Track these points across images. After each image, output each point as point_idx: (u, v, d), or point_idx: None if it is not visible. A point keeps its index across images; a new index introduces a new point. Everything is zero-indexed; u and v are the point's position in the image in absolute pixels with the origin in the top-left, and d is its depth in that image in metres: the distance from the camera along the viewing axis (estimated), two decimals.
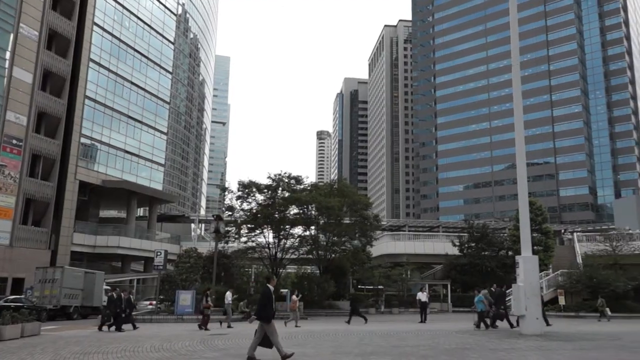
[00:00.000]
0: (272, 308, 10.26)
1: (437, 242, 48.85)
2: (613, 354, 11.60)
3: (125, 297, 19.95)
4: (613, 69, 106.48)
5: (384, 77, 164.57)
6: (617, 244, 37.99)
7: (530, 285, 16.60)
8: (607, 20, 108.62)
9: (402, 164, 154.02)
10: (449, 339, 14.59)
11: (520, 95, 19.07)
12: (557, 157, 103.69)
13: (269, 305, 10.18)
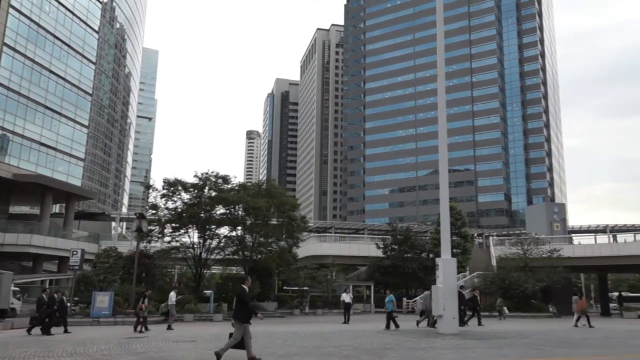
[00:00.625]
0: (249, 308, 10.33)
1: (362, 244, 49.84)
2: (522, 351, 12.34)
3: (59, 298, 18.83)
4: (529, 84, 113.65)
5: (315, 80, 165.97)
6: (528, 247, 40.50)
7: (449, 286, 17.33)
8: (524, 38, 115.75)
9: (331, 166, 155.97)
10: (370, 339, 14.92)
11: (444, 104, 19.87)
12: (477, 164, 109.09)
13: (246, 305, 10.28)
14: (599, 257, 43.55)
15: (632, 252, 42.25)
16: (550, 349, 13.00)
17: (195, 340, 15.11)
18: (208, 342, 14.28)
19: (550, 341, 15.05)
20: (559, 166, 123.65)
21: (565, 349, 13.21)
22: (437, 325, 17.35)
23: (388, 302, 21.07)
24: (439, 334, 16.47)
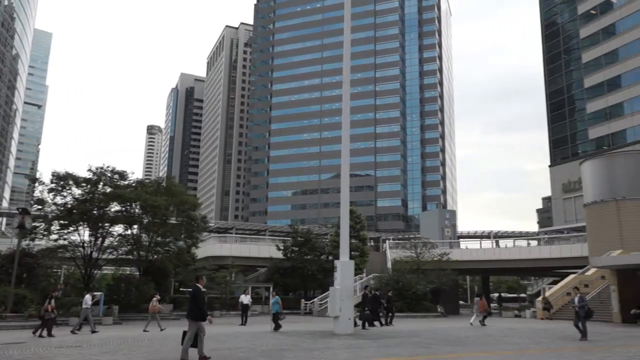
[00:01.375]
0: (204, 308, 10.52)
1: (263, 245, 49.71)
2: (412, 350, 12.96)
3: None
4: (427, 96, 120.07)
5: (222, 78, 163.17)
6: (421, 251, 42.69)
7: (346, 288, 17.75)
8: (425, 53, 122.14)
9: (234, 166, 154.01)
10: (267, 341, 14.88)
11: (348, 110, 20.36)
12: (377, 170, 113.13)
13: (201, 304, 10.48)
14: (483, 260, 46.95)
15: (512, 256, 46.02)
16: (437, 347, 13.77)
17: (81, 345, 14.16)
18: (95, 348, 13.44)
19: (437, 339, 15.93)
20: (451, 175, 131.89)
21: (451, 346, 14.06)
22: (334, 325, 17.68)
23: (274, 303, 21.28)
24: (335, 335, 16.81)
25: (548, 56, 69.98)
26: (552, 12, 71.13)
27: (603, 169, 38.02)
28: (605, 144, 59.82)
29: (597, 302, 30.51)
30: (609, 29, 61.31)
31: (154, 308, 22.43)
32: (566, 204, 62.08)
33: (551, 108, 68.22)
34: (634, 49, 57.55)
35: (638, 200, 35.42)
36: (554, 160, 66.60)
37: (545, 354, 12.68)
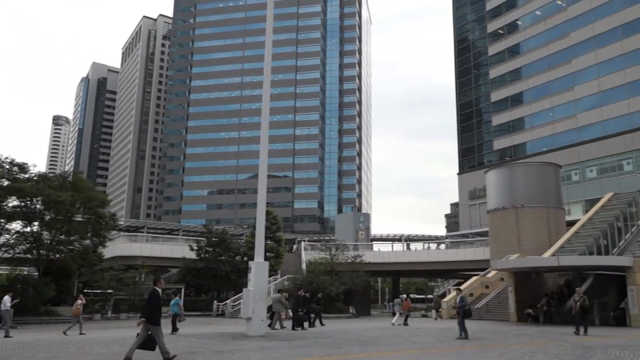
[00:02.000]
0: (160, 310, 10.59)
1: (176, 245, 48.27)
2: (323, 350, 13.12)
3: None
4: (346, 101, 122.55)
5: (137, 70, 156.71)
6: (335, 253, 43.40)
7: (259, 289, 17.66)
8: (345, 58, 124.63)
9: (148, 162, 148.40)
10: (176, 344, 14.45)
11: (268, 111, 20.29)
12: (295, 172, 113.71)
13: (159, 307, 10.55)
14: (394, 262, 48.60)
15: (421, 259, 48.04)
16: (348, 347, 14.05)
17: None
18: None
19: (349, 340, 16.26)
20: (367, 179, 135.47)
21: (361, 346, 14.41)
22: (246, 327, 17.52)
23: (173, 305, 20.84)
24: (247, 336, 16.66)
25: (459, 70, 73.89)
26: (464, 28, 75.21)
27: (505, 178, 40.68)
28: (508, 155, 64.12)
29: (496, 302, 32.57)
30: (514, 48, 65.89)
31: (77, 311, 21.21)
32: (472, 210, 65.79)
33: (461, 119, 72.06)
34: (535, 69, 62.23)
35: (535, 208, 38.27)
36: (462, 169, 70.36)
37: (447, 352, 13.34)
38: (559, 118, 58.72)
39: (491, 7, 70.02)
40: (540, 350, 13.51)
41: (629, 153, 51.38)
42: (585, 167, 55.13)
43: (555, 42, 60.29)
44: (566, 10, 59.89)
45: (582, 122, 56.28)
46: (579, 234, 33.45)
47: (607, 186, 49.94)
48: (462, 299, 18.05)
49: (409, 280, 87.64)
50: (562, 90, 58.72)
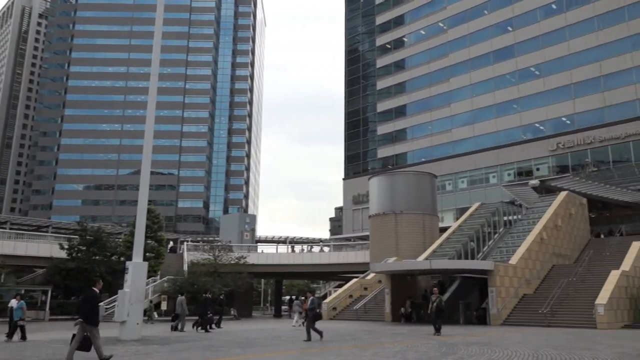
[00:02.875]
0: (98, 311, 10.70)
1: (44, 243, 44.38)
2: (201, 353, 12.84)
3: None
4: (237, 100, 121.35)
5: (7, 49, 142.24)
6: (219, 254, 42.68)
7: (137, 291, 16.86)
8: (238, 57, 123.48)
9: (16, 151, 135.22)
10: (39, 350, 13.33)
11: (154, 104, 19.47)
12: (181, 170, 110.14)
13: (96, 308, 10.68)
14: (278, 264, 48.92)
15: (305, 261, 48.89)
16: (227, 349, 13.89)
17: None
18: None
19: (228, 342, 16.08)
20: (255, 180, 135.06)
21: (240, 348, 14.32)
22: (119, 331, 16.62)
23: (17, 309, 18.01)
24: (121, 341, 15.85)
25: (349, 79, 76.51)
26: (354, 39, 78.05)
27: (386, 185, 42.79)
28: (390, 163, 67.54)
29: (373, 303, 34.11)
30: (400, 63, 69.72)
31: None
32: (355, 214, 68.30)
33: (348, 126, 74.61)
34: (417, 84, 66.34)
35: (412, 215, 40.67)
36: (347, 174, 72.80)
37: (326, 351, 13.71)
38: (437, 131, 63.06)
39: (380, 22, 73.47)
40: (411, 348, 14.37)
41: (495, 167, 56.59)
42: (457, 178, 59.75)
43: (436, 61, 64.79)
44: (447, 32, 64.63)
45: (457, 136, 60.98)
46: (449, 240, 36.10)
47: (475, 196, 54.54)
48: (313, 302, 17.67)
49: (292, 282, 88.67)
50: (440, 106, 63.19)
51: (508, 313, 26.86)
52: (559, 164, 51.99)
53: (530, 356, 12.22)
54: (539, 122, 54.62)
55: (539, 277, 30.24)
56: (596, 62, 51.30)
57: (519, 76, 56.91)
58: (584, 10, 53.26)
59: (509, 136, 56.44)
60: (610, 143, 48.55)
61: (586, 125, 50.70)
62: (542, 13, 56.42)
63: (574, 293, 26.92)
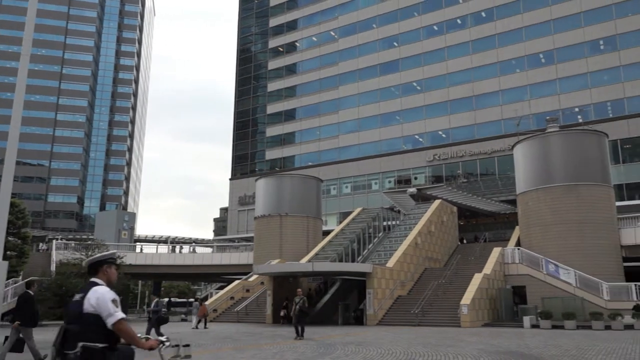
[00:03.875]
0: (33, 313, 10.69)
1: None
2: None
3: None
4: (120, 91, 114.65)
5: None
6: (92, 253, 39.93)
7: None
8: (123, 46, 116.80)
9: None
10: None
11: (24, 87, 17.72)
12: (53, 161, 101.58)
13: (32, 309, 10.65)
14: (158, 265, 46.96)
15: (187, 262, 47.43)
16: None
17: None
18: None
19: None
20: (136, 176, 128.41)
21: None
22: None
23: None
24: None
25: (240, 78, 75.81)
26: (247, 39, 77.58)
27: (273, 187, 43.02)
28: (278, 166, 67.94)
29: (255, 305, 34.06)
30: (292, 67, 70.53)
31: None
32: (240, 215, 67.71)
33: (237, 126, 73.86)
34: (308, 89, 67.56)
35: (297, 217, 41.28)
36: (234, 174, 72.01)
37: (203, 355, 13.42)
38: (324, 137, 64.64)
39: (274, 25, 73.81)
40: (290, 349, 14.56)
41: (377, 174, 59.30)
42: (342, 183, 61.71)
43: (327, 68, 66.51)
44: (338, 41, 66.63)
45: (343, 143, 63.01)
46: (332, 243, 37.18)
47: (358, 201, 56.75)
48: (158, 304, 16.86)
49: (171, 284, 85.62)
50: (329, 112, 64.91)
51: (384, 313, 28.25)
52: (434, 174, 55.81)
53: (402, 354, 12.96)
54: (419, 134, 58.26)
55: (412, 279, 32.19)
56: (469, 83, 55.96)
57: (402, 90, 60.27)
58: (460, 34, 57.84)
59: (391, 145, 59.51)
60: (479, 157, 53.15)
61: (459, 139, 55.03)
62: (424, 33, 60.32)
63: (442, 294, 29.03)
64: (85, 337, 3.88)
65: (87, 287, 4.11)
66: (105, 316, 3.94)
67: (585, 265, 29.07)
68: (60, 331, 3.99)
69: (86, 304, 3.98)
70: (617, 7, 49.78)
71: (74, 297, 4.12)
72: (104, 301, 3.98)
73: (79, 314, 3.96)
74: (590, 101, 49.41)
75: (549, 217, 31.55)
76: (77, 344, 3.86)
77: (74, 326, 3.95)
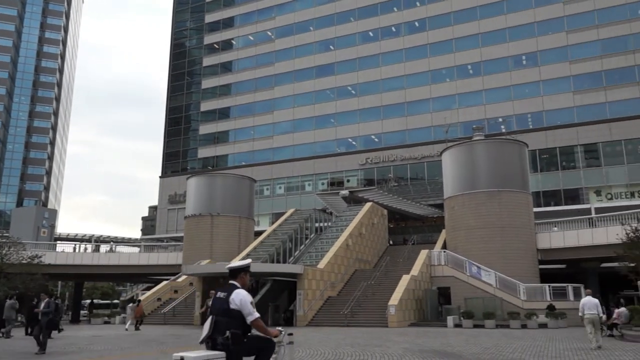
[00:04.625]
0: None
1: None
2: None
3: None
4: (43, 80, 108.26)
5: None
6: (7, 252, 37.46)
7: None
8: (47, 33, 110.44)
9: None
10: None
11: None
12: None
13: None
14: (81, 265, 44.76)
15: (112, 262, 45.51)
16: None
17: None
18: None
19: (10, 353, 14.21)
20: (58, 172, 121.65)
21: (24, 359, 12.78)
22: None
23: None
24: None
25: (173, 74, 73.82)
26: (182, 34, 75.72)
27: (205, 186, 42.23)
28: (211, 164, 66.74)
29: (183, 306, 33.27)
30: (227, 65, 69.56)
31: None
32: (170, 214, 65.90)
33: (169, 122, 71.86)
34: (243, 88, 66.90)
35: (229, 217, 40.76)
36: (165, 172, 69.99)
37: (126, 358, 12.95)
38: (259, 137, 64.24)
39: (210, 21, 72.52)
40: None
41: (311, 176, 59.66)
42: (276, 184, 61.57)
43: (263, 68, 66.17)
44: (274, 42, 66.48)
45: (278, 143, 62.90)
46: (264, 243, 36.98)
47: (291, 202, 56.81)
48: (49, 304, 15.20)
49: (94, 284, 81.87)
50: (264, 112, 64.59)
51: (314, 314, 28.45)
52: (366, 177, 56.91)
53: (331, 354, 13.11)
54: (352, 137, 59.20)
55: (343, 280, 32.64)
56: (402, 90, 57.57)
57: (337, 93, 61.02)
58: (394, 42, 59.40)
59: (325, 148, 60.08)
60: (410, 162, 54.77)
61: (391, 144, 56.46)
62: (360, 38, 61.44)
63: (371, 295, 29.64)
64: (231, 326, 5.19)
65: (230, 289, 5.41)
66: (245, 314, 5.25)
67: (506, 267, 30.68)
68: (212, 322, 5.26)
69: (232, 303, 5.27)
70: (539, 25, 53.00)
71: (217, 294, 5.47)
72: (245, 302, 5.27)
73: (226, 309, 5.27)
74: (512, 112, 52.25)
75: (473, 221, 33.01)
76: (225, 332, 5.15)
77: (222, 318, 5.24)
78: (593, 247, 31.76)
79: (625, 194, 46.63)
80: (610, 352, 13.68)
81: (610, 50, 49.78)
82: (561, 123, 50.14)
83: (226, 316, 5.22)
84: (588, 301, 15.15)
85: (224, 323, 5.19)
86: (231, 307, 5.25)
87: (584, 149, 49.07)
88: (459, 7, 56.94)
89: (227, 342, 5.11)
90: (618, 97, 48.69)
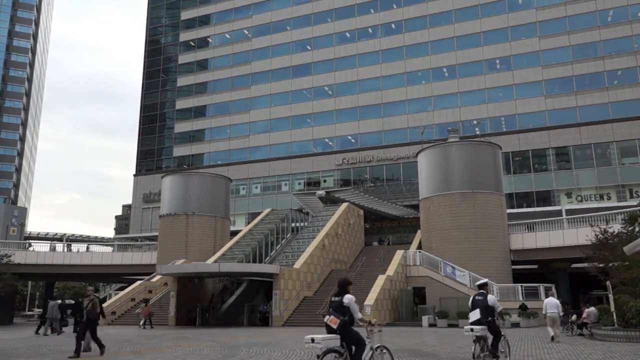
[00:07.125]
0: None
1: None
2: None
3: None
4: (13, 75, 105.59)
5: None
6: None
7: None
8: (17, 26, 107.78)
9: None
10: None
11: None
12: None
13: None
14: (52, 265, 43.86)
15: (84, 261, 44.71)
16: None
17: None
18: None
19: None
20: (28, 169, 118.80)
21: None
22: None
23: None
24: None
25: (148, 71, 72.82)
26: (157, 30, 74.76)
27: (180, 185, 41.80)
28: (186, 163, 66.07)
29: (157, 307, 32.85)
30: (203, 63, 68.96)
31: None
32: (144, 213, 65.02)
33: (144, 120, 70.88)
34: (219, 86, 66.41)
35: (204, 217, 40.45)
36: (139, 170, 69.03)
37: (96, 359, 12.77)
38: (235, 136, 63.85)
39: (186, 18, 71.77)
40: (193, 351, 14.23)
41: (287, 176, 59.59)
42: (252, 183, 61.30)
43: (239, 67, 65.80)
44: (251, 40, 66.18)
45: (254, 143, 62.64)
46: (240, 243, 36.81)
47: (267, 202, 56.65)
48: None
49: (66, 284, 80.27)
50: (240, 111, 64.23)
51: (289, 314, 28.45)
52: (343, 177, 57.10)
53: (306, 354, 13.15)
54: (329, 137, 59.33)
55: (319, 280, 32.71)
56: (378, 91, 57.94)
57: (314, 93, 61.06)
58: (371, 43, 59.75)
59: (302, 148, 60.07)
60: (386, 163, 55.16)
61: (367, 145, 56.77)
62: (337, 39, 61.61)
63: None
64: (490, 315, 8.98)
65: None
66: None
67: (479, 267, 31.16)
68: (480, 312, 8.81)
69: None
70: (513, 30, 53.98)
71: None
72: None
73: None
74: (487, 115, 53.10)
75: (447, 222, 33.44)
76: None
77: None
78: (564, 248, 32.52)
79: (594, 196, 47.86)
80: (575, 346, 14.03)
81: (581, 56, 51.04)
82: (533, 126, 51.20)
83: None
84: (550, 301, 17.94)
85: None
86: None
87: (555, 152, 50.19)
88: (434, 10, 57.59)
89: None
90: (588, 102, 49.95)
